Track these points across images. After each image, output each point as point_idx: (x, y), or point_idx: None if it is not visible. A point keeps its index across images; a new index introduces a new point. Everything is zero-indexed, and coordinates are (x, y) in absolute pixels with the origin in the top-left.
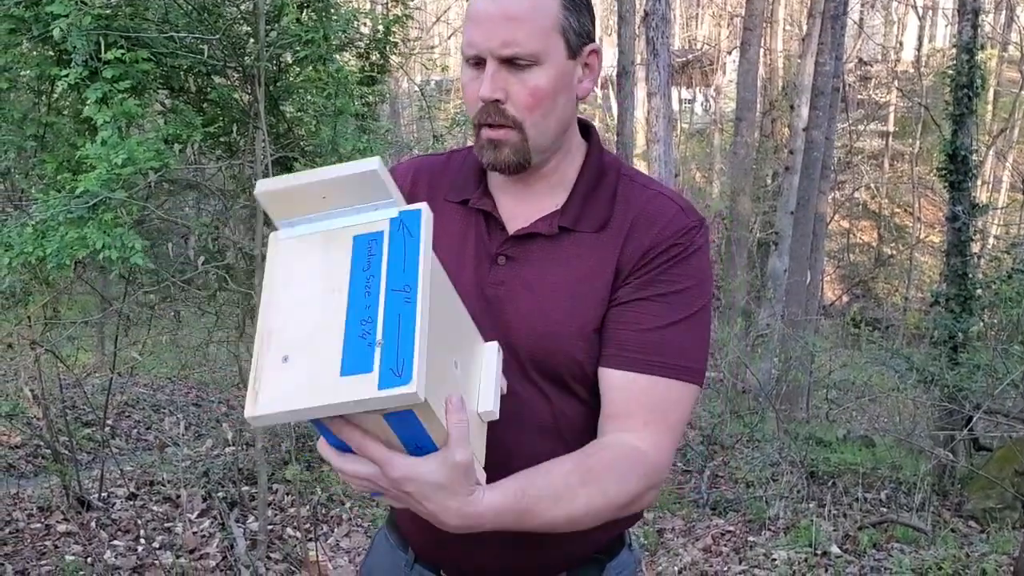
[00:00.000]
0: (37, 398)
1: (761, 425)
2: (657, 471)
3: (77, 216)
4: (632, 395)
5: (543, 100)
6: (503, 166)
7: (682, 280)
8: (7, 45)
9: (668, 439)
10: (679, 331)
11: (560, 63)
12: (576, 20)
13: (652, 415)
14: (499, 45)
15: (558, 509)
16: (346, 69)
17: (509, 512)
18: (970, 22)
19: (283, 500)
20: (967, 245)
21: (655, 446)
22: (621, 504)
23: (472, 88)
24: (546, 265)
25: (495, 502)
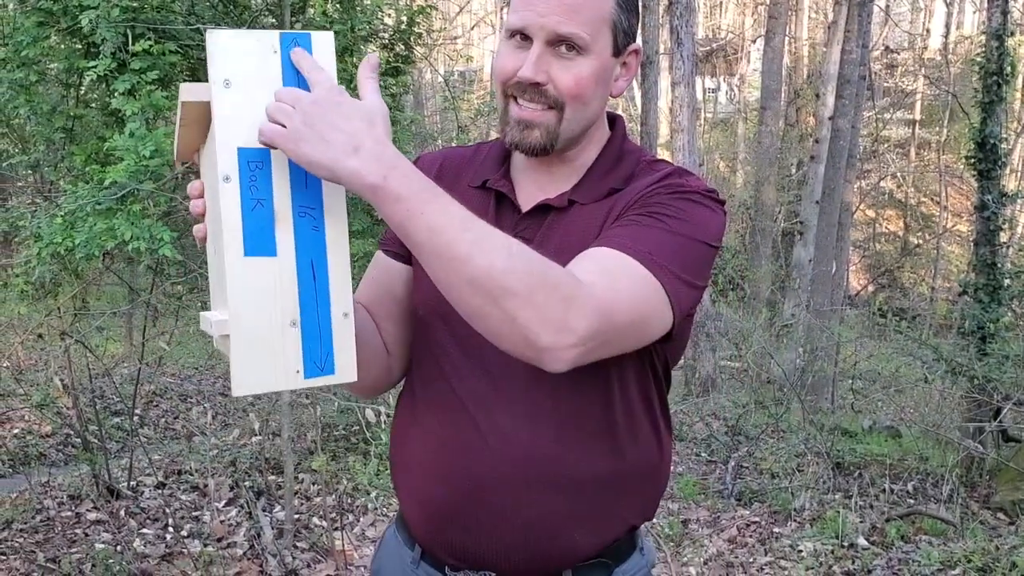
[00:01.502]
0: (67, 388)
1: (786, 415)
2: (586, 293)
3: (105, 207)
4: (584, 258)
5: (585, 90)
6: (528, 147)
7: (674, 209)
8: (36, 38)
9: (606, 292)
10: (659, 235)
11: (605, 57)
12: (627, 19)
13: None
14: (553, 24)
15: (475, 222)
16: None
17: (426, 181)
18: (1000, 8)
19: (309, 489)
20: (996, 234)
21: (590, 282)
22: (536, 271)
23: (511, 61)
24: (555, 237)
25: (408, 163)
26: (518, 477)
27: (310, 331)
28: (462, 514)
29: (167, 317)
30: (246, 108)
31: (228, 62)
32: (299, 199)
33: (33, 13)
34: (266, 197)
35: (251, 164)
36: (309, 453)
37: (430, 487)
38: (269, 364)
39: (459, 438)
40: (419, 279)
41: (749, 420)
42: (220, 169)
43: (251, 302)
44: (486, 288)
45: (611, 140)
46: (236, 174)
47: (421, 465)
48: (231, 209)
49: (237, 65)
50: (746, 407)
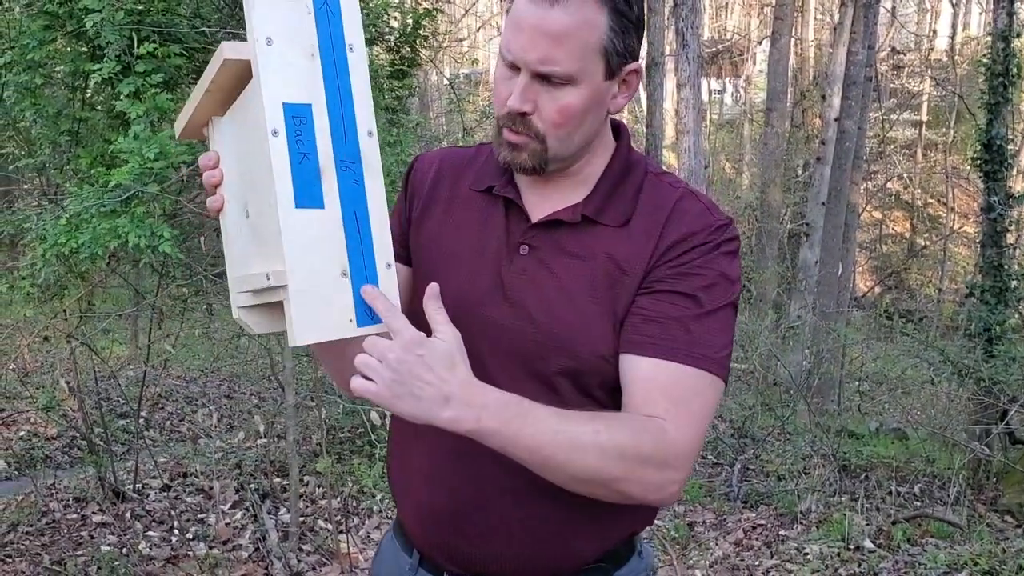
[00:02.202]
0: (73, 390)
1: (792, 418)
2: (675, 450)
3: (110, 209)
4: (655, 384)
5: (570, 119)
6: (519, 168)
7: (710, 274)
8: (42, 41)
9: (691, 426)
10: (706, 323)
11: (596, 83)
12: (621, 42)
13: (675, 403)
14: (536, 60)
15: (561, 425)
16: (376, 63)
17: (514, 403)
18: (1006, 9)
19: (314, 492)
20: (1003, 236)
21: (676, 427)
22: (631, 456)
23: (503, 88)
24: (569, 255)
25: (495, 391)
26: (519, 485)
27: (359, 281)
28: (462, 520)
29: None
30: (287, 64)
31: (268, 20)
32: (340, 153)
33: (39, 17)
34: (311, 151)
35: (295, 119)
36: (314, 456)
37: (429, 493)
38: (325, 313)
39: (459, 445)
40: (421, 280)
41: (755, 422)
42: (269, 124)
43: (305, 253)
44: (590, 479)
45: (617, 151)
46: (283, 128)
47: (420, 471)
48: (281, 162)
49: (277, 23)
50: (752, 409)
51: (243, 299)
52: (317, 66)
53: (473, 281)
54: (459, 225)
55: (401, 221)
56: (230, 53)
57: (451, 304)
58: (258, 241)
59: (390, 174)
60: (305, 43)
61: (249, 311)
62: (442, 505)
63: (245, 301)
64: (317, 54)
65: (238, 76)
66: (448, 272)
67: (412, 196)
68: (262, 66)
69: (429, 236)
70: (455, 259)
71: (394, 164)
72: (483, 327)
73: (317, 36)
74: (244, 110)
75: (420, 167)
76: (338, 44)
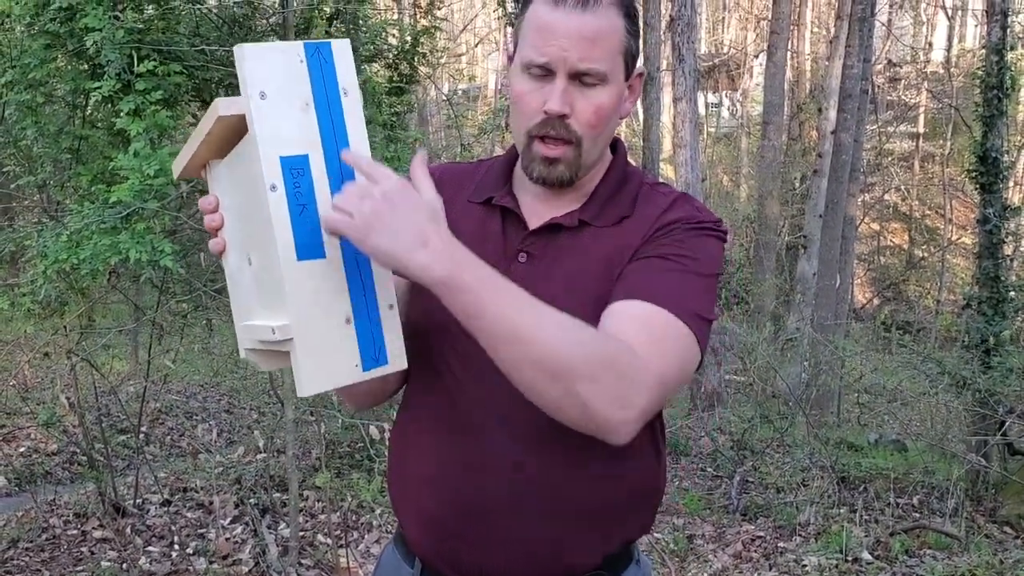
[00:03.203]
0: (73, 406)
1: (791, 430)
2: (641, 368)
3: (110, 226)
4: (628, 315)
5: (604, 119)
6: (555, 182)
7: (692, 248)
8: (43, 60)
9: (660, 357)
10: (685, 280)
11: (620, 84)
12: (635, 45)
13: (649, 334)
14: (576, 59)
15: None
16: (375, 80)
17: (488, 270)
18: (999, 23)
19: (314, 507)
20: (999, 248)
21: (645, 352)
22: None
23: (533, 99)
24: (567, 257)
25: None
26: (520, 495)
27: (363, 325)
28: (464, 530)
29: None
30: (282, 117)
31: (260, 74)
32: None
33: (40, 36)
34: (309, 201)
35: (293, 171)
36: (314, 470)
37: (431, 503)
38: (332, 362)
39: (460, 456)
40: (419, 292)
41: (754, 434)
42: (266, 179)
43: (309, 304)
44: (550, 368)
45: (614, 163)
46: (281, 182)
47: (421, 481)
48: (281, 216)
49: (269, 77)
50: (751, 421)
51: (250, 343)
52: (312, 116)
53: None
54: (457, 235)
55: None
56: (224, 110)
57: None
58: (262, 291)
59: None
60: (299, 94)
61: (256, 352)
62: (440, 513)
63: (252, 345)
64: (312, 103)
65: (234, 128)
66: None
67: None
68: (257, 122)
69: None
70: None
71: None
72: None
73: (311, 84)
74: (241, 159)
75: None
76: (332, 90)
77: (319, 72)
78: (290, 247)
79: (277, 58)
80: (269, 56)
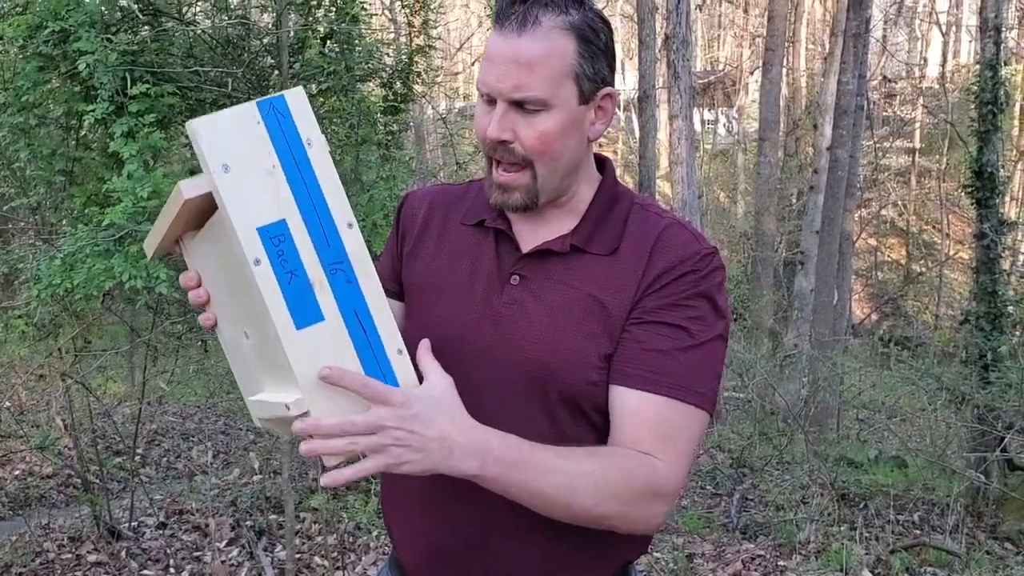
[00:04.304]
0: (68, 428)
1: (790, 447)
2: (667, 484)
3: (104, 249)
4: (643, 419)
5: (550, 144)
6: (511, 207)
7: (699, 305)
8: (37, 82)
9: (678, 462)
10: (694, 355)
11: (571, 108)
12: (591, 66)
13: (662, 440)
14: (509, 89)
15: (561, 468)
16: (369, 99)
17: (513, 450)
18: (992, 39)
19: (310, 528)
20: (996, 262)
21: (665, 464)
22: (625, 492)
23: (482, 123)
24: (559, 284)
25: (498, 434)
26: (516, 520)
27: (375, 375)
28: (457, 552)
29: (167, 356)
30: (251, 187)
31: (219, 147)
32: (326, 257)
33: (34, 58)
34: (297, 267)
35: (274, 239)
36: (310, 492)
37: (425, 525)
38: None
39: (453, 479)
40: (414, 314)
41: (753, 452)
42: (248, 255)
43: (318, 372)
44: (585, 520)
45: (603, 183)
46: (265, 255)
47: (414, 504)
48: (271, 290)
49: (228, 147)
50: (750, 438)
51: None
52: (281, 177)
53: (466, 313)
54: (451, 259)
55: (393, 257)
56: (189, 191)
57: (444, 337)
58: (265, 364)
59: (384, 208)
60: (263, 158)
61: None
62: (435, 537)
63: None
64: (278, 164)
65: (202, 206)
66: (441, 306)
67: (404, 232)
68: (226, 198)
69: (421, 271)
70: (447, 292)
71: (388, 199)
72: (476, 358)
73: (272, 144)
74: (217, 233)
75: (411, 203)
76: (295, 144)
77: (278, 129)
78: (287, 319)
79: (232, 125)
80: (223, 125)
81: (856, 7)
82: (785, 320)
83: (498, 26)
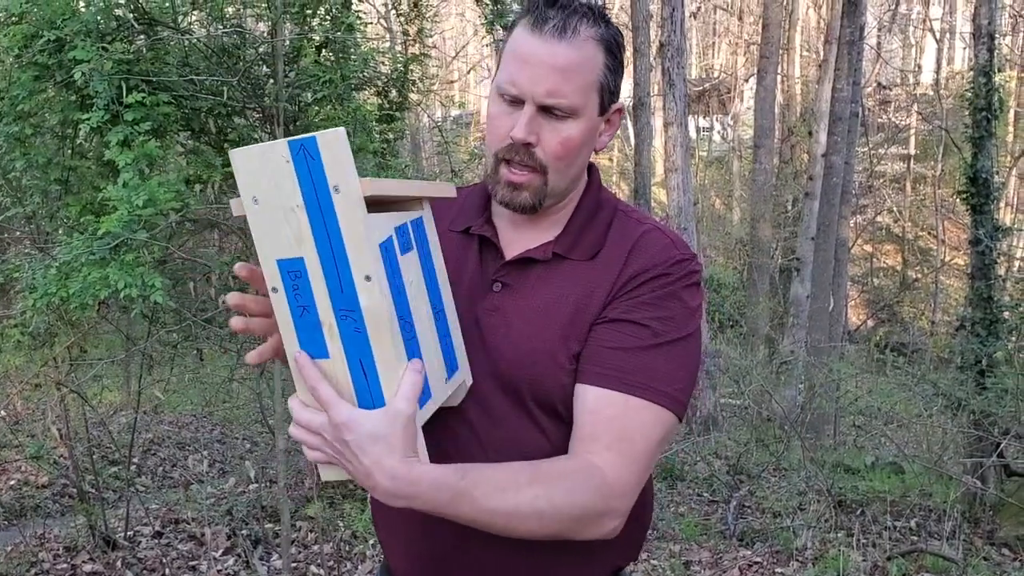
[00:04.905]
0: (63, 438)
1: (787, 453)
2: (614, 494)
3: (99, 257)
4: (600, 417)
5: (572, 151)
6: (518, 207)
7: (668, 307)
8: (32, 91)
9: (631, 466)
10: (660, 354)
11: (592, 119)
12: (614, 80)
13: (619, 440)
14: (544, 93)
15: (499, 499)
16: (365, 108)
17: (446, 489)
18: (986, 45)
19: (306, 537)
20: (991, 268)
21: (616, 470)
22: (568, 515)
23: (502, 123)
24: (539, 290)
25: (432, 472)
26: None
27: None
28: (447, 560)
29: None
30: (275, 221)
31: (250, 180)
32: (338, 303)
33: (29, 67)
34: (309, 304)
35: (291, 274)
36: (306, 500)
37: (414, 534)
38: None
39: None
40: None
41: (750, 458)
42: (268, 281)
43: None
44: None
45: (588, 189)
46: (281, 285)
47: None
48: (284, 317)
49: (258, 181)
50: (747, 445)
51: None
52: (304, 217)
53: None
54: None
55: None
56: (236, 210)
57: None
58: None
59: None
60: (288, 196)
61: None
62: (426, 548)
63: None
64: (302, 204)
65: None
66: None
67: None
68: (252, 226)
69: None
70: None
71: None
72: None
73: (299, 184)
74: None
75: None
76: (321, 188)
77: (306, 169)
78: (295, 346)
79: (262, 161)
80: (255, 160)
81: (850, 14)
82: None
83: (534, 28)
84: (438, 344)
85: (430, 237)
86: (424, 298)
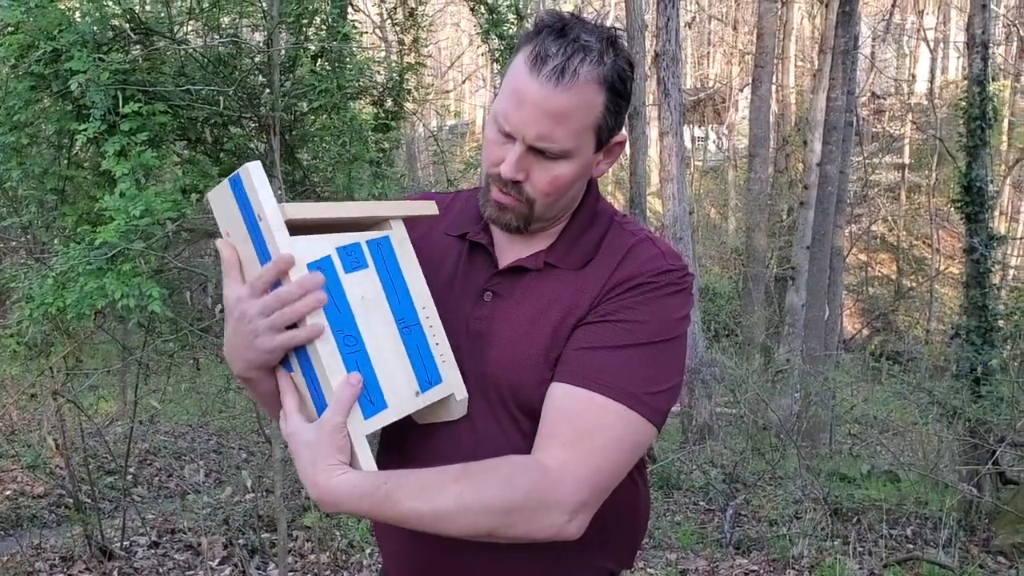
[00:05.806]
0: (60, 447)
1: (783, 462)
2: (556, 488)
3: (96, 267)
4: (564, 413)
5: (561, 188)
6: (503, 227)
7: (649, 312)
8: (28, 101)
9: (584, 461)
10: (634, 356)
11: (587, 157)
12: (614, 119)
13: (578, 434)
14: (533, 136)
15: (421, 499)
16: (360, 117)
17: (366, 497)
18: (979, 54)
19: (303, 547)
20: (986, 276)
21: (562, 463)
22: (498, 508)
23: (495, 152)
24: (529, 299)
25: (352, 481)
26: None
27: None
28: (440, 565)
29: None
30: (243, 249)
31: (221, 216)
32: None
33: (25, 77)
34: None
35: None
36: (303, 510)
37: (408, 539)
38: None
39: None
40: None
41: (746, 467)
42: None
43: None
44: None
45: (585, 201)
46: None
47: None
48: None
49: (225, 216)
50: (743, 454)
51: None
52: (250, 245)
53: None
54: (429, 268)
55: None
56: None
57: None
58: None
59: None
60: (240, 227)
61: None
62: (421, 553)
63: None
64: (247, 234)
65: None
66: None
67: None
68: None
69: None
70: None
71: None
72: None
73: (242, 216)
74: None
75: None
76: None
77: (244, 202)
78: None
79: (224, 198)
80: (220, 198)
81: (844, 24)
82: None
83: (533, 66)
84: (405, 357)
85: (399, 254)
86: (384, 313)
